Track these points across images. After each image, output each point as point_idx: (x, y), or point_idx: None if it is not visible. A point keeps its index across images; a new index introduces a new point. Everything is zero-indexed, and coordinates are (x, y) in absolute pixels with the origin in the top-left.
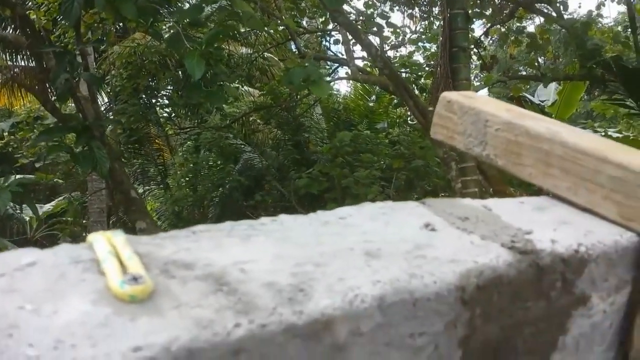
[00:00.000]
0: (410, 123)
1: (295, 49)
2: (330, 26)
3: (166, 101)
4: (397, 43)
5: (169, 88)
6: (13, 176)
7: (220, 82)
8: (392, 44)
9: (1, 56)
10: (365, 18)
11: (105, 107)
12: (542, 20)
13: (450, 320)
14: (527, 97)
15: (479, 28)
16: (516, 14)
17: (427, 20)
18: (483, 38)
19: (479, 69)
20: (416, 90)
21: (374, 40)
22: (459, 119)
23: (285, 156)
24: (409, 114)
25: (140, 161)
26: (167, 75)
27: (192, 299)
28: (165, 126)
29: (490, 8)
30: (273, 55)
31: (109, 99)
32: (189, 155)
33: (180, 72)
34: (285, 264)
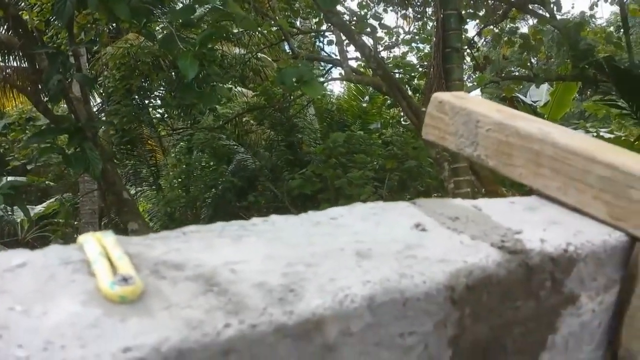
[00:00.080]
0: (403, 123)
1: (289, 50)
2: (324, 27)
3: (159, 102)
4: (391, 44)
5: (161, 89)
6: (4, 178)
7: (213, 83)
8: (386, 44)
9: None
10: (358, 19)
11: (97, 108)
12: (535, 21)
13: (439, 319)
14: (520, 98)
15: (472, 29)
16: (509, 14)
17: (421, 21)
18: (476, 39)
19: (472, 69)
20: (409, 90)
21: (368, 40)
22: (450, 120)
23: (278, 157)
24: (402, 114)
25: (132, 162)
26: (160, 76)
27: (183, 299)
28: (158, 127)
29: (483, 9)
30: (267, 56)
31: (101, 99)
32: (182, 156)
33: (173, 73)
34: (276, 265)
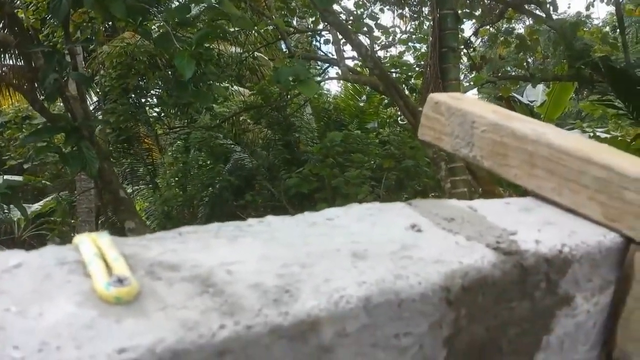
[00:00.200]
0: (400, 123)
1: (285, 49)
2: (321, 26)
3: (155, 101)
4: (388, 43)
5: (158, 88)
6: (1, 177)
7: (209, 82)
8: (383, 44)
9: None
10: (355, 19)
11: (94, 107)
12: (532, 20)
13: (435, 320)
14: (517, 98)
15: (469, 29)
16: (505, 14)
17: (417, 20)
18: (473, 38)
19: (468, 69)
20: (406, 90)
21: (364, 40)
22: (446, 120)
23: (275, 156)
24: (399, 113)
25: (129, 161)
26: (157, 75)
27: (178, 300)
28: (154, 126)
29: (479, 9)
30: (263, 55)
31: (98, 98)
32: (179, 155)
33: (169, 72)
34: (271, 265)
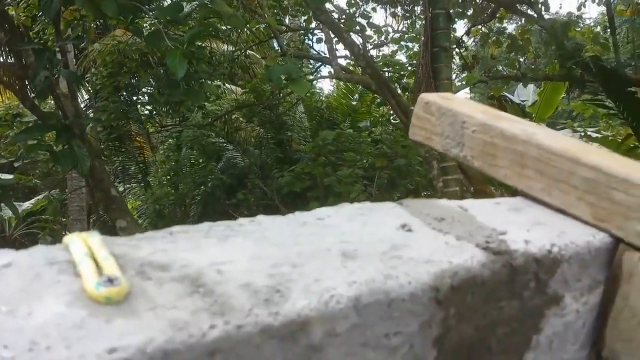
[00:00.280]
0: (392, 122)
1: (277, 47)
2: (313, 24)
3: (147, 98)
4: (380, 42)
5: (150, 86)
6: None
7: (201, 80)
8: (375, 43)
9: None
10: (347, 17)
11: (85, 105)
12: (524, 20)
13: (424, 320)
14: (508, 97)
15: (462, 28)
16: (497, 14)
17: (410, 20)
18: (465, 38)
19: (460, 68)
20: (399, 89)
21: (357, 39)
22: (437, 120)
23: (267, 154)
24: (392, 113)
25: (120, 159)
26: (149, 73)
27: (168, 300)
28: (146, 124)
29: (471, 8)
30: (255, 53)
31: (89, 96)
32: (171, 153)
33: (161, 70)
34: (262, 265)
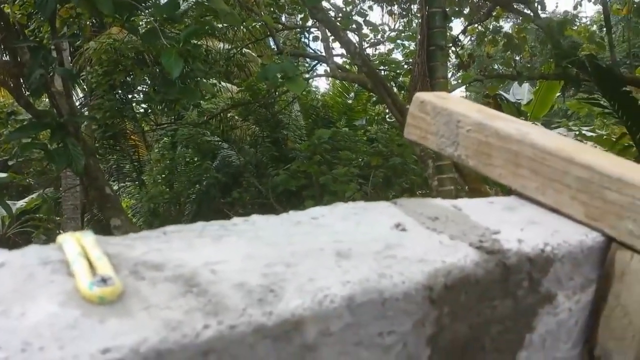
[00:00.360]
0: (388, 120)
1: (274, 46)
2: (310, 23)
3: (142, 97)
4: (376, 41)
5: (145, 84)
6: None
7: (197, 79)
8: (371, 41)
9: None
10: (343, 15)
11: (80, 103)
12: (520, 19)
13: (418, 319)
14: (504, 96)
15: (459, 25)
16: (493, 13)
17: (406, 18)
18: (461, 37)
19: (456, 67)
20: (395, 87)
21: (353, 37)
22: (432, 120)
23: (263, 153)
24: (387, 111)
25: (115, 157)
26: (144, 71)
27: (162, 300)
28: (141, 122)
29: (468, 7)
30: (251, 52)
31: (84, 94)
32: (166, 152)
33: (157, 68)
34: (256, 265)
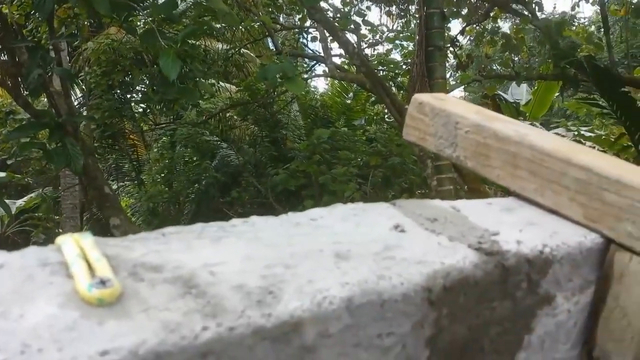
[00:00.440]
0: (387, 120)
1: (272, 46)
2: (308, 23)
3: (141, 96)
4: (375, 41)
5: (144, 84)
6: None
7: (196, 79)
8: (370, 41)
9: None
10: (341, 15)
11: (78, 103)
12: (518, 20)
13: (417, 320)
14: (502, 96)
15: (457, 27)
16: (492, 13)
17: (405, 19)
18: (460, 37)
19: (455, 68)
20: (394, 88)
21: (352, 37)
22: (430, 121)
23: (262, 153)
24: (386, 111)
25: (114, 157)
26: (143, 71)
27: (161, 302)
28: (140, 122)
29: (466, 7)
30: (250, 52)
31: (82, 94)
32: (165, 151)
33: (156, 67)
34: (255, 266)
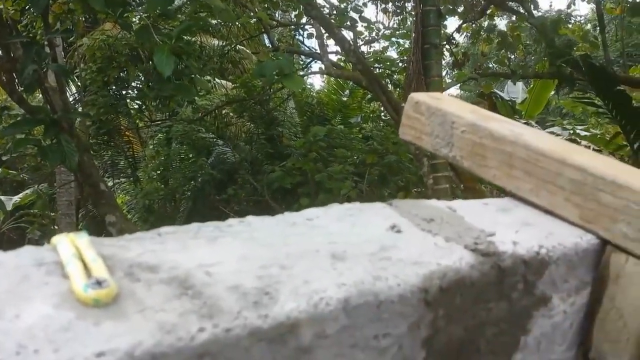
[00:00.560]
0: (383, 118)
1: (268, 43)
2: (304, 20)
3: (136, 93)
4: (371, 38)
5: (139, 80)
6: None
7: (192, 75)
8: (366, 39)
9: None
10: (338, 12)
11: (74, 99)
12: (514, 17)
13: (413, 321)
14: (498, 94)
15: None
16: (488, 11)
17: (401, 16)
18: (456, 35)
19: (451, 65)
20: (390, 85)
21: (348, 35)
22: (426, 120)
23: (258, 150)
24: (382, 109)
25: (110, 153)
26: (138, 67)
27: (157, 302)
28: (135, 118)
29: (462, 5)
30: (246, 48)
31: (77, 90)
32: (160, 148)
33: (151, 64)
34: (251, 266)
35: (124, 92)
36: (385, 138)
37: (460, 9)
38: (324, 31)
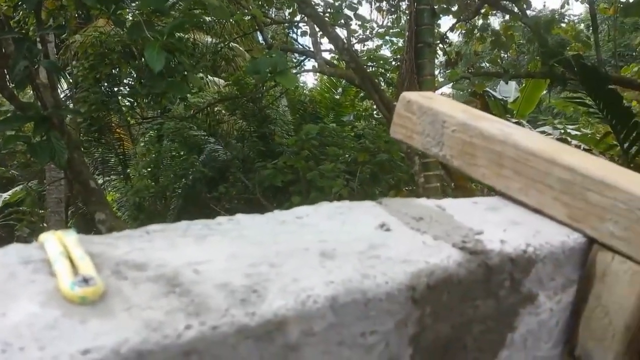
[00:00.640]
0: (375, 117)
1: (262, 40)
2: (298, 17)
3: (128, 90)
4: (365, 37)
5: (131, 77)
6: None
7: (184, 72)
8: (360, 37)
9: None
10: (333, 9)
11: (65, 95)
12: (507, 17)
13: (401, 319)
14: (491, 93)
15: (447, 23)
16: (482, 10)
17: (395, 15)
18: (450, 34)
19: (444, 64)
20: (383, 84)
21: (342, 33)
22: (417, 119)
23: (250, 148)
24: (375, 107)
25: (100, 151)
26: (131, 64)
27: (144, 300)
28: (126, 115)
29: (456, 4)
30: (239, 46)
31: (69, 86)
32: (151, 146)
33: (143, 61)
34: (239, 264)
35: (115, 89)
36: (377, 136)
37: (454, 8)
38: (317, 29)
